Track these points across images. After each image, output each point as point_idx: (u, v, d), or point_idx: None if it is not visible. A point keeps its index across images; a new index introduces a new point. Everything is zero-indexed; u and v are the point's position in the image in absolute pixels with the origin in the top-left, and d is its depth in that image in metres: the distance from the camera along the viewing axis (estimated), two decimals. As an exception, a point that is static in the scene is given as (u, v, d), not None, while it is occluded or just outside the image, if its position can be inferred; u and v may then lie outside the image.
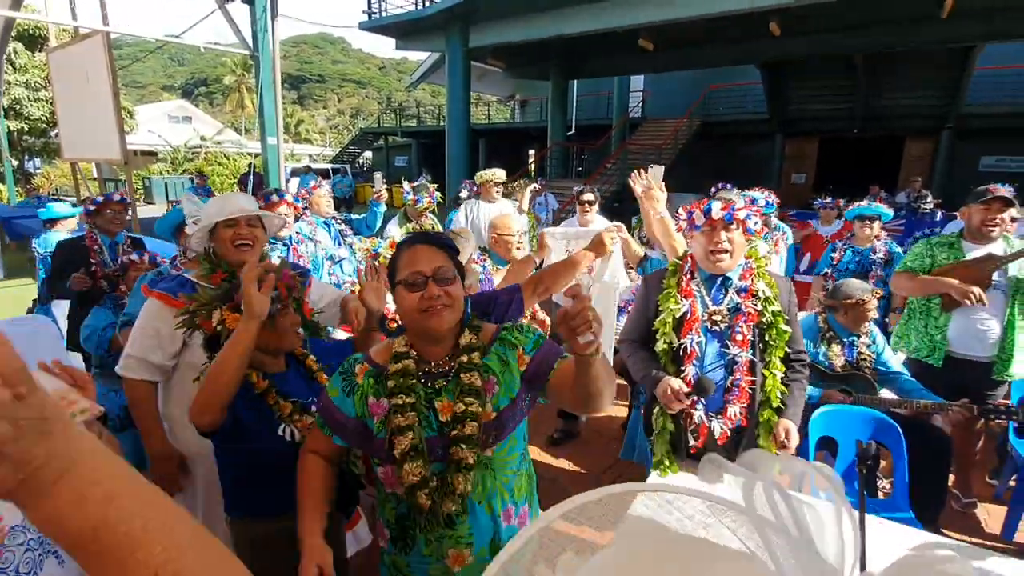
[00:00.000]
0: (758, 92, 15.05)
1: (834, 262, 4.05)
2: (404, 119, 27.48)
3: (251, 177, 8.83)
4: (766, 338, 1.83)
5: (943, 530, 2.67)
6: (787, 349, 1.87)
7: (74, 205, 5.73)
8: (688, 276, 1.95)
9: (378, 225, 4.09)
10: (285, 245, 3.10)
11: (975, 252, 2.77)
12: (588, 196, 4.21)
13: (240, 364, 1.36)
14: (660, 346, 1.92)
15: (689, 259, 1.98)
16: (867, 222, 3.92)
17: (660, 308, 1.94)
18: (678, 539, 0.50)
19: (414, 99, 49.48)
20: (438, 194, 4.12)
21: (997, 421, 2.43)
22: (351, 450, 1.36)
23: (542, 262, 2.58)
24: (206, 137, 25.84)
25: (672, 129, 15.71)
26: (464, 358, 1.21)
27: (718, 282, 1.91)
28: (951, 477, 3.14)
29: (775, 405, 1.83)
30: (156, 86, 72.74)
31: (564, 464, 3.37)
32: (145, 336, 1.75)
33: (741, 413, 1.80)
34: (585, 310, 0.96)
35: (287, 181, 15.79)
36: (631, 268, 3.28)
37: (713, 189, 5.34)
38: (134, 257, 2.76)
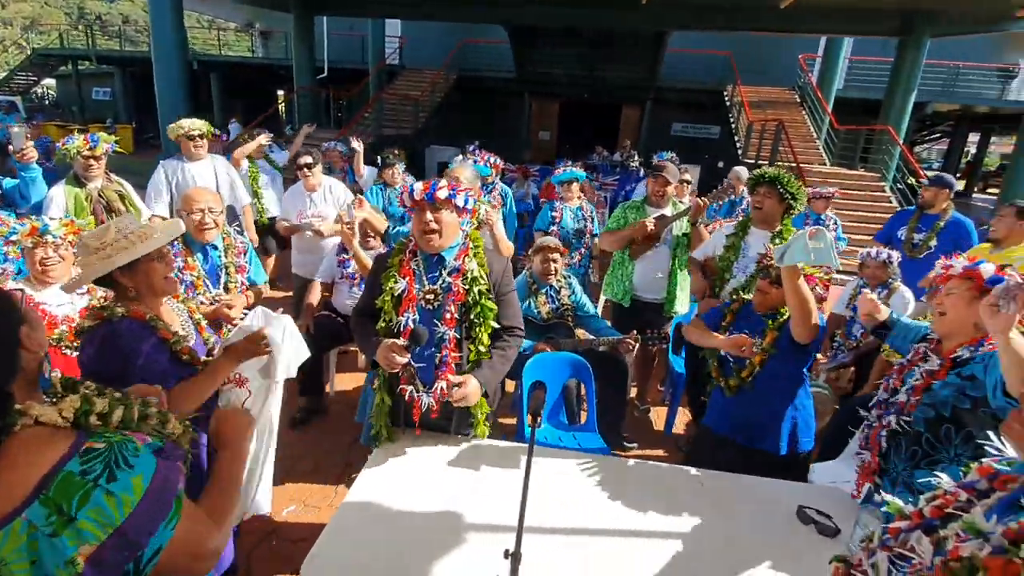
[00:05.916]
0: (509, 51, 15.91)
1: (555, 220, 4.53)
2: (107, 38, 21.59)
3: None
4: (471, 316, 1.94)
5: (624, 435, 3.43)
6: (495, 325, 1.98)
7: None
8: (409, 256, 1.98)
9: (38, 194, 3.10)
10: None
11: (654, 213, 3.47)
12: (306, 159, 3.95)
13: None
14: (380, 324, 1.97)
15: (413, 238, 2.01)
16: (567, 185, 4.45)
17: (383, 287, 1.96)
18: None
19: (119, 13, 38.76)
20: (107, 137, 3.24)
21: (651, 345, 3.15)
22: None
23: None
24: None
25: (430, 81, 15.69)
26: None
27: (434, 261, 1.96)
28: (634, 390, 4.05)
29: None
30: None
31: (310, 443, 3.27)
32: None
33: (448, 387, 1.89)
34: None
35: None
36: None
37: (470, 146, 5.59)
38: None
